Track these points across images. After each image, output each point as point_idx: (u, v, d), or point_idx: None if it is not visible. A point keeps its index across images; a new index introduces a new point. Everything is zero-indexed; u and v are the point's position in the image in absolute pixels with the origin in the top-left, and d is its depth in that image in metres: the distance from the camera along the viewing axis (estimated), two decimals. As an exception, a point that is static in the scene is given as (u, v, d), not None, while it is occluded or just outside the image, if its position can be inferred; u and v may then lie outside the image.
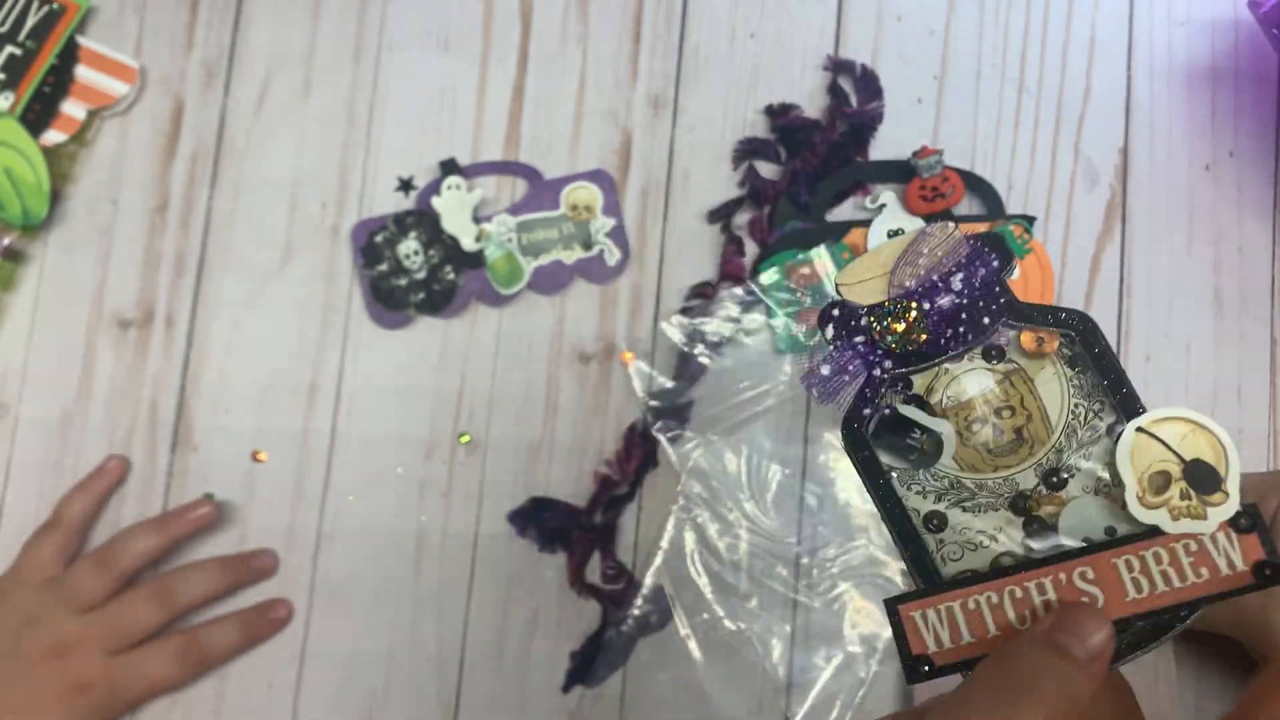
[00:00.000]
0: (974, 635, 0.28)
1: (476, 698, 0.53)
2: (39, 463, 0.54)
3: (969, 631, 0.28)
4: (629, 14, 0.59)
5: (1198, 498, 0.29)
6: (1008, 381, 0.31)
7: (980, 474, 0.30)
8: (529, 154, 0.57)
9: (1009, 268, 0.32)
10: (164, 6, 0.58)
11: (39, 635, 0.49)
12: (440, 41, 0.58)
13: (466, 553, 0.54)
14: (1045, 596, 0.29)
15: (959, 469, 0.30)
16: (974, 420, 0.30)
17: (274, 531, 0.54)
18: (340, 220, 0.57)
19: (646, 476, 0.55)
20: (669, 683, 0.53)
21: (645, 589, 0.54)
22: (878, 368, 0.31)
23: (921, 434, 0.30)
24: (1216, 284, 0.57)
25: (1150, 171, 0.58)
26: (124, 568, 0.51)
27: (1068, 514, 0.30)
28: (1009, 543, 0.30)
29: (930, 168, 0.55)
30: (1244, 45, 0.59)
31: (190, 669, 0.51)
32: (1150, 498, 0.29)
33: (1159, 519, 0.29)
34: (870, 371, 0.31)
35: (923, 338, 0.30)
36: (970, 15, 0.59)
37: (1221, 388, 0.56)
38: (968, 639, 0.28)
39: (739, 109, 0.58)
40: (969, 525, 0.30)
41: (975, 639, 0.28)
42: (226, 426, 0.55)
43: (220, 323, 0.56)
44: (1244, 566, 0.28)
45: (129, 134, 0.57)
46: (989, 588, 0.28)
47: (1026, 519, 0.30)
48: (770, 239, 0.56)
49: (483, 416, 0.55)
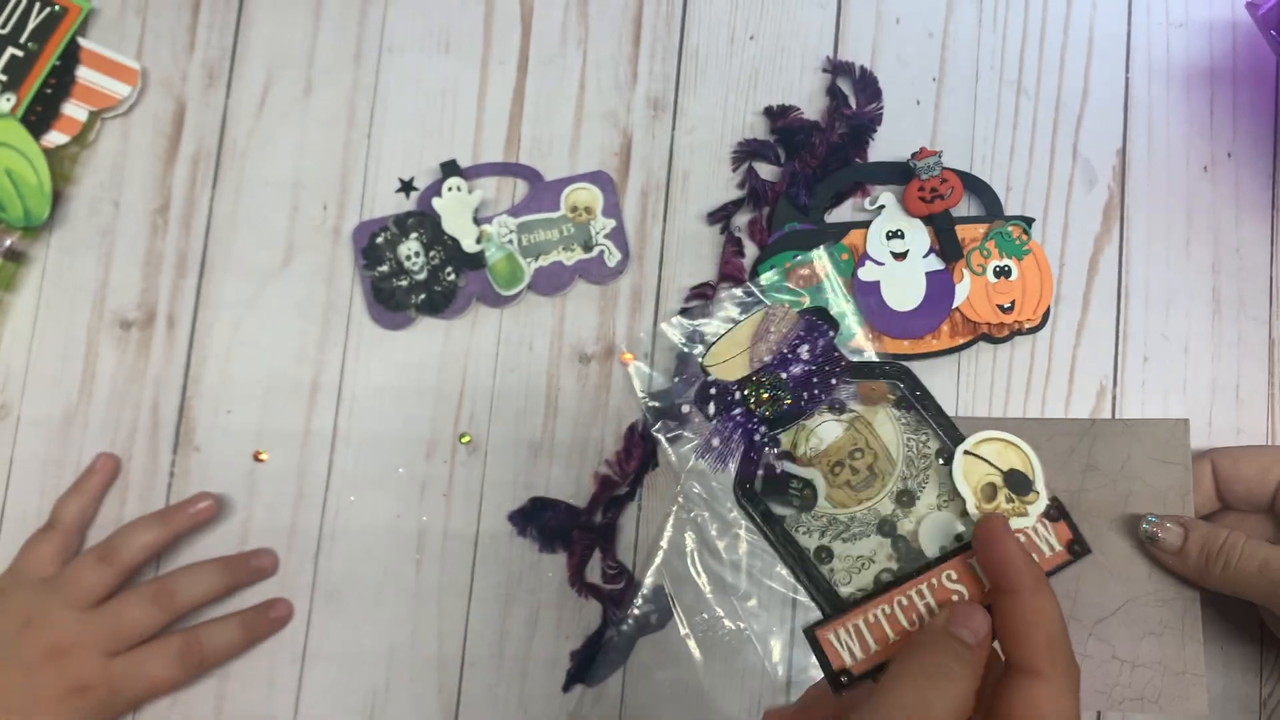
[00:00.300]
0: (877, 643, 0.34)
1: (477, 697, 0.54)
2: (40, 463, 0.55)
3: (873, 641, 0.34)
4: (629, 16, 0.59)
5: (1018, 499, 0.35)
6: (852, 428, 0.37)
7: (849, 509, 0.36)
8: (529, 155, 0.57)
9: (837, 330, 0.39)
10: (165, 8, 0.58)
11: (38, 636, 0.49)
12: (441, 43, 0.58)
13: (467, 552, 0.55)
14: (925, 600, 0.35)
15: (832, 507, 0.36)
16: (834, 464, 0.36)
17: (275, 531, 0.55)
18: (341, 221, 0.57)
19: (646, 476, 0.55)
20: (669, 682, 0.53)
21: (645, 588, 0.54)
22: (755, 433, 0.37)
23: (799, 484, 0.37)
24: (1214, 285, 0.57)
25: (1148, 173, 0.58)
26: (126, 562, 0.51)
27: (923, 530, 0.36)
28: (885, 561, 0.36)
29: (929, 169, 0.55)
30: (1242, 46, 0.59)
31: (190, 669, 0.51)
32: (984, 505, 0.35)
33: None
34: (750, 437, 0.37)
35: (787, 402, 0.37)
36: (969, 17, 0.59)
37: (1219, 388, 0.57)
38: (874, 648, 0.34)
39: (738, 111, 0.58)
40: (849, 552, 0.36)
41: (879, 646, 0.34)
42: (228, 427, 0.55)
43: (222, 323, 0.56)
44: (1060, 546, 0.35)
45: (130, 135, 0.57)
46: (880, 602, 0.34)
47: (893, 539, 0.36)
48: (769, 240, 0.56)
49: (483, 417, 0.56)
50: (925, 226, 0.56)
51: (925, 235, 0.56)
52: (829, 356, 0.38)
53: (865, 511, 0.37)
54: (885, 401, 0.37)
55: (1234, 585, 0.48)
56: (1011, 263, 0.56)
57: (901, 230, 0.56)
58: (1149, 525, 0.50)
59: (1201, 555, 0.48)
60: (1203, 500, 0.51)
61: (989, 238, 0.56)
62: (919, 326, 0.55)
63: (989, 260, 0.56)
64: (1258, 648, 0.54)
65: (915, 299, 0.55)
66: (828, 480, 0.37)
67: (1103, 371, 0.56)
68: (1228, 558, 0.48)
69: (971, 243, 0.56)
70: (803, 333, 0.38)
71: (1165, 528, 0.50)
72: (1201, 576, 0.49)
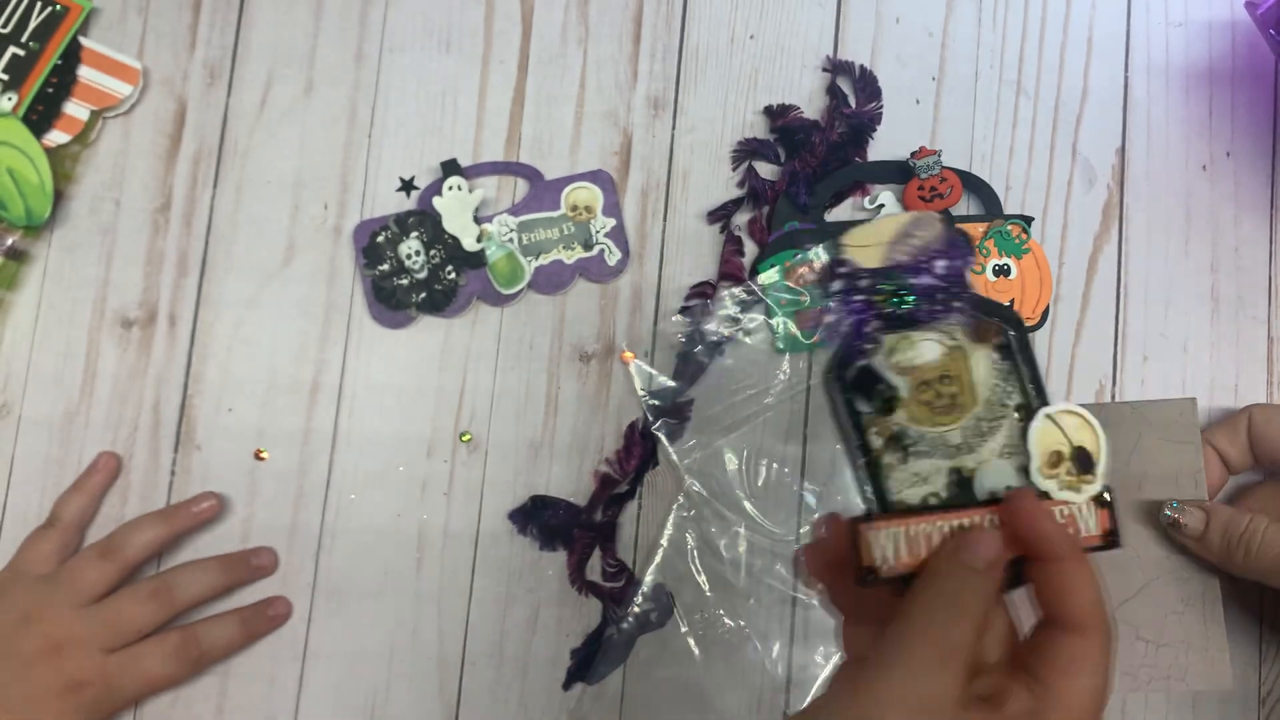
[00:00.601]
0: (911, 556, 0.36)
1: (477, 695, 0.54)
2: (42, 462, 0.55)
3: (907, 553, 0.36)
4: (629, 16, 0.59)
5: (1078, 476, 0.36)
6: (950, 355, 0.38)
7: (922, 427, 0.37)
8: (530, 154, 0.58)
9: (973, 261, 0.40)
10: (167, 8, 0.58)
11: (35, 633, 0.49)
12: (442, 43, 0.59)
13: (468, 551, 0.55)
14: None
15: (905, 419, 0.37)
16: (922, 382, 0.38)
17: (276, 530, 0.55)
18: (342, 220, 0.57)
19: (646, 475, 0.55)
20: (669, 680, 0.53)
21: (645, 587, 0.54)
22: (866, 324, 0.37)
23: (885, 386, 0.37)
24: (1213, 284, 0.58)
25: (1147, 172, 0.58)
26: (127, 558, 0.51)
27: (981, 472, 0.37)
28: (938, 486, 0.37)
29: (928, 168, 0.55)
30: (1241, 46, 0.59)
31: (188, 666, 0.51)
32: (1046, 469, 0.36)
33: (1049, 487, 0.36)
34: (860, 326, 0.37)
35: (906, 307, 0.37)
36: (968, 17, 0.59)
37: (1218, 387, 0.57)
38: (905, 558, 0.36)
39: (738, 110, 0.58)
40: (908, 468, 0.37)
41: (911, 559, 0.36)
42: (229, 425, 0.55)
43: (223, 322, 0.56)
44: (1097, 532, 0.36)
45: (132, 134, 0.57)
46: (924, 520, 0.36)
47: (949, 469, 0.37)
48: (769, 239, 0.56)
49: (484, 415, 0.56)
50: (925, 225, 0.56)
51: (925, 234, 0.56)
52: (959, 279, 0.38)
53: (935, 436, 0.38)
54: (991, 342, 0.38)
55: (1257, 571, 0.48)
56: (1011, 261, 0.56)
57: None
58: (1170, 512, 0.50)
59: (1224, 541, 0.49)
60: (1240, 454, 0.52)
61: (988, 236, 0.56)
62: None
63: (988, 259, 0.56)
64: (1257, 645, 0.54)
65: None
66: (911, 395, 0.38)
67: (1102, 370, 0.57)
68: (1249, 545, 0.48)
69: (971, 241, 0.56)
70: (943, 248, 0.38)
71: (1187, 513, 0.50)
72: (1225, 562, 0.49)
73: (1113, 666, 0.35)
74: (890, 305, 0.38)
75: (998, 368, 0.38)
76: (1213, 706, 0.54)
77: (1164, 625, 0.52)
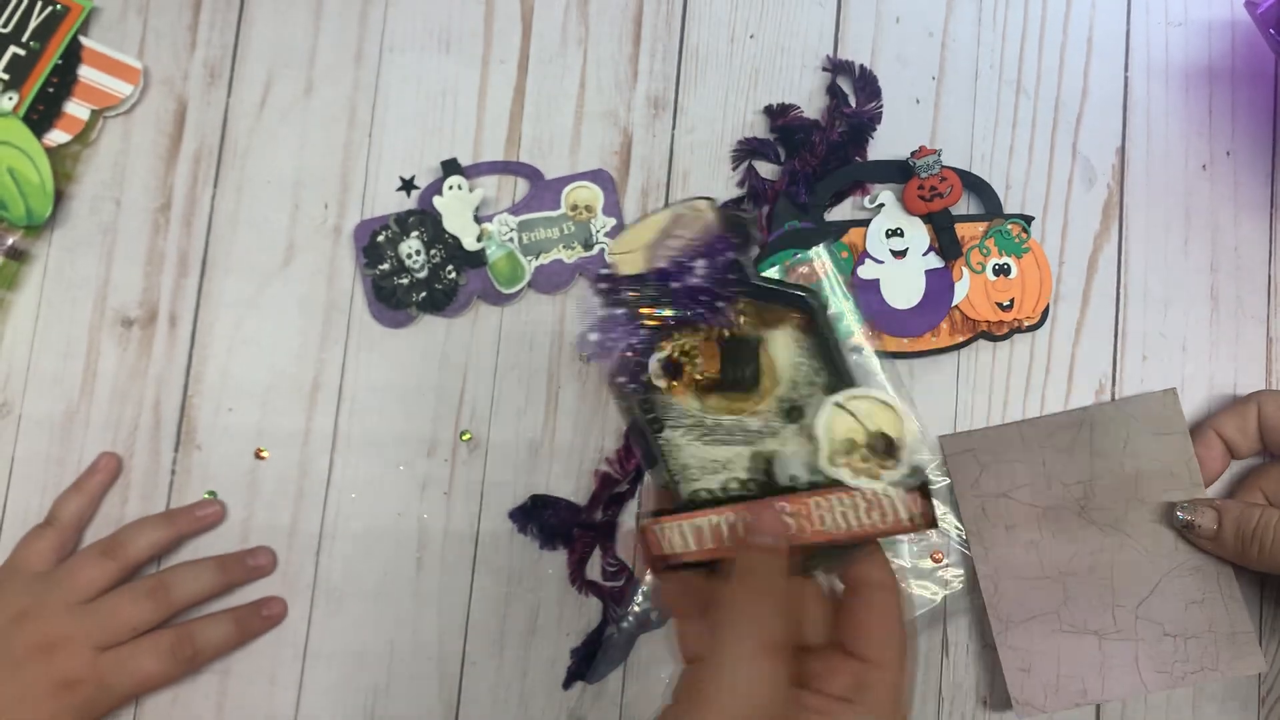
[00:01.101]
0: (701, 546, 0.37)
1: (477, 694, 0.54)
2: (42, 461, 0.55)
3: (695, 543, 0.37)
4: (629, 16, 0.59)
5: (875, 461, 0.36)
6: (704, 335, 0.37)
7: (718, 415, 0.37)
8: (530, 154, 0.58)
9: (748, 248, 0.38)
10: (167, 7, 0.58)
11: (28, 631, 0.49)
12: (442, 43, 0.59)
13: (468, 550, 0.55)
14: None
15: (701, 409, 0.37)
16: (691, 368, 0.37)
17: (276, 529, 0.55)
18: (342, 220, 0.57)
19: (646, 474, 0.55)
20: (669, 679, 0.53)
21: (645, 586, 0.54)
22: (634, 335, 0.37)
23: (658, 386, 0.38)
24: (1213, 283, 0.58)
25: (1147, 171, 0.58)
26: (129, 558, 0.51)
27: (779, 461, 0.37)
28: (738, 470, 0.37)
29: (928, 167, 0.55)
30: (1241, 45, 0.59)
31: (182, 665, 0.51)
32: (838, 458, 0.36)
33: (840, 475, 0.36)
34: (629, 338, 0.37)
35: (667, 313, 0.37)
36: (968, 16, 0.59)
37: (1217, 386, 0.57)
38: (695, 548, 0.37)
39: (738, 109, 0.58)
40: (708, 455, 0.37)
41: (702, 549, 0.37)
42: (229, 425, 0.55)
43: (223, 322, 0.56)
44: (906, 516, 0.36)
45: (132, 134, 0.57)
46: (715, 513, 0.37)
47: (753, 454, 0.37)
48: (769, 238, 0.56)
49: (484, 415, 0.56)
50: (925, 225, 0.56)
51: (925, 233, 0.56)
52: (728, 273, 0.37)
53: (732, 422, 0.38)
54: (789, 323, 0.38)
55: (1273, 564, 0.48)
56: (1011, 261, 0.56)
57: (901, 228, 0.56)
58: (1183, 514, 0.50)
59: (1238, 538, 0.49)
60: (1248, 442, 0.52)
61: (988, 236, 0.56)
62: (918, 324, 0.55)
63: (988, 258, 0.56)
64: (1257, 644, 0.54)
65: (915, 297, 0.55)
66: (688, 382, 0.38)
67: (1101, 369, 0.57)
68: (1262, 539, 0.48)
69: (971, 241, 0.56)
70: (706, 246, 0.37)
71: (1199, 513, 0.50)
72: (1240, 558, 0.49)
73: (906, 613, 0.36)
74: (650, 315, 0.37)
75: (802, 346, 0.37)
76: (1213, 706, 0.54)
77: (1186, 617, 0.51)
